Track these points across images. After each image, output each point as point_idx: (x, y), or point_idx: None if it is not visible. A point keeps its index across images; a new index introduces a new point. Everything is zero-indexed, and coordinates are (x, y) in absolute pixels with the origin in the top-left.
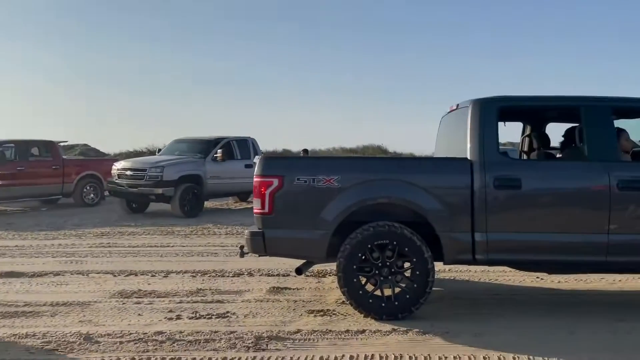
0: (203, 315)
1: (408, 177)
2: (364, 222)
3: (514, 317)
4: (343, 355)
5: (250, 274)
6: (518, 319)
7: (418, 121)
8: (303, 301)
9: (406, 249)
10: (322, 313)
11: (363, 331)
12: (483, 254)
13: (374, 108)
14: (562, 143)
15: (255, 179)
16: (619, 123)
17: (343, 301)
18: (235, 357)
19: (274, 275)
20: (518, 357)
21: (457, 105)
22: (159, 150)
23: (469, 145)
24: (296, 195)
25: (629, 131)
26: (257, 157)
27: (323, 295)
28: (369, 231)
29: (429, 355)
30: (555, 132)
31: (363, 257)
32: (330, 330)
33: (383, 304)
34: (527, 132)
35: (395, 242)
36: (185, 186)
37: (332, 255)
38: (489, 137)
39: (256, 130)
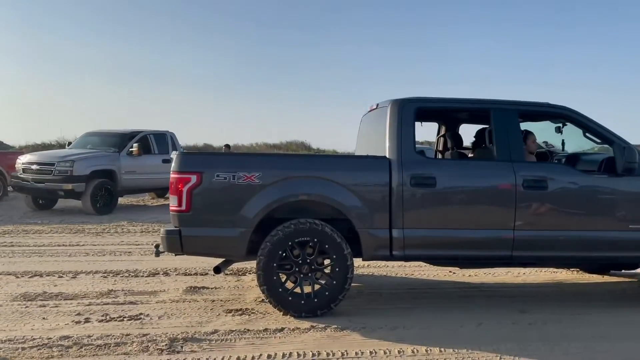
0: (114, 318)
1: (329, 174)
2: (285, 220)
3: (427, 311)
4: (261, 355)
5: (166, 274)
6: (431, 313)
7: (341, 119)
8: (221, 300)
9: (327, 246)
10: (240, 312)
11: (282, 329)
12: (400, 250)
13: (298, 104)
14: (473, 143)
15: (172, 175)
16: (524, 126)
17: (262, 300)
18: None
19: (191, 275)
20: (430, 350)
21: (377, 104)
22: (69, 143)
23: (387, 144)
24: (215, 193)
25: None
26: (174, 152)
27: (242, 294)
28: (290, 228)
29: (345, 351)
30: (469, 133)
31: (283, 255)
32: (248, 330)
33: (302, 301)
34: (442, 132)
35: (316, 240)
36: (98, 181)
37: (252, 253)
38: (407, 137)
39: (176, 125)
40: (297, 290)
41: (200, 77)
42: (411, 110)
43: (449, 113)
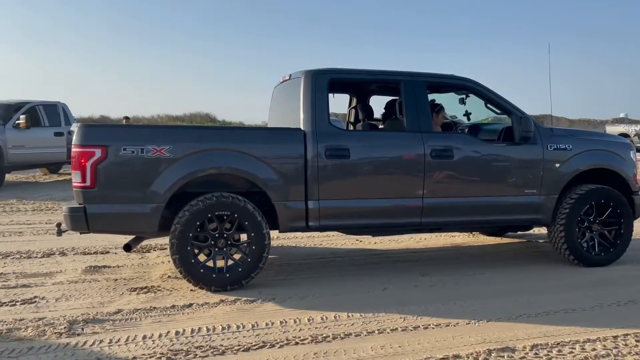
0: (5, 303)
1: (243, 147)
2: (197, 194)
3: (335, 279)
4: (168, 332)
5: (63, 254)
6: (339, 280)
7: (248, 90)
8: (124, 279)
9: (246, 223)
10: (145, 290)
11: (190, 305)
12: (315, 221)
13: (201, 75)
14: (383, 115)
15: (74, 150)
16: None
17: (169, 276)
18: (44, 346)
19: (90, 254)
20: (338, 316)
21: (290, 75)
22: None
23: (302, 116)
24: (122, 167)
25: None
26: (75, 124)
27: (147, 271)
28: (211, 201)
29: (256, 322)
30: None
31: (200, 227)
32: (154, 307)
33: (214, 275)
34: (353, 104)
35: (236, 215)
36: None
37: (164, 229)
38: (321, 108)
39: (69, 96)
40: (210, 263)
41: (95, 45)
42: (325, 82)
43: (360, 85)
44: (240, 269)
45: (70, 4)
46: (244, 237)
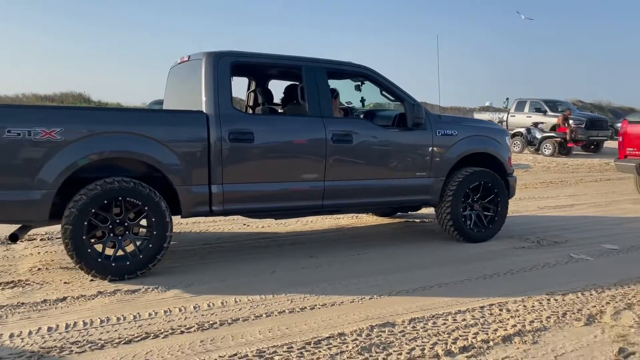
0: None
1: (143, 129)
2: (92, 179)
3: (221, 264)
4: (39, 329)
5: None
6: (225, 266)
7: (125, 70)
8: None
9: (148, 210)
10: (12, 285)
11: (64, 299)
12: (219, 205)
13: (73, 53)
14: (283, 99)
15: None
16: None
17: (39, 269)
18: None
19: None
20: (226, 302)
21: (189, 57)
22: None
23: (204, 99)
24: (7, 151)
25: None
26: None
27: (13, 264)
28: (112, 185)
29: (138, 313)
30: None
31: (97, 213)
32: (23, 303)
33: (112, 264)
34: (252, 87)
35: (138, 202)
36: None
37: (54, 217)
38: (224, 91)
39: None
40: (109, 252)
41: None
42: (227, 64)
43: (260, 69)
44: (140, 257)
45: None
46: (144, 222)
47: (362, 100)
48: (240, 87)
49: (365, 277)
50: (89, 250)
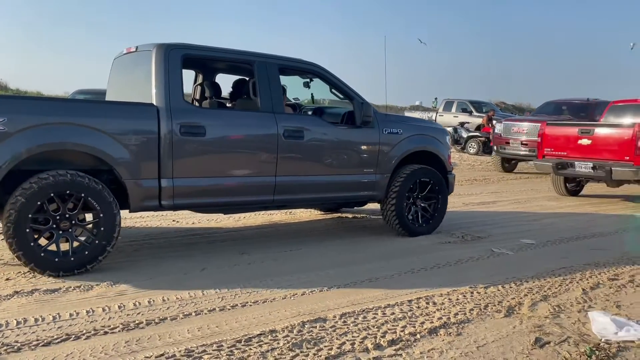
0: None
1: (90, 121)
2: (35, 171)
3: (149, 262)
4: None
5: None
6: (153, 263)
7: (42, 58)
8: None
9: (94, 203)
10: None
11: None
12: (169, 199)
13: None
14: (231, 94)
15: None
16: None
17: None
18: None
19: None
20: (153, 301)
21: (137, 47)
22: None
23: (154, 91)
24: None
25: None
26: None
27: None
28: (52, 179)
29: (58, 314)
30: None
31: (40, 208)
32: None
33: (57, 259)
34: (200, 80)
35: (82, 195)
36: None
37: None
38: (174, 84)
39: None
40: (53, 247)
41: None
42: (178, 57)
43: (209, 62)
44: (87, 252)
45: None
46: (89, 217)
47: (312, 97)
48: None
49: (298, 273)
50: (32, 245)
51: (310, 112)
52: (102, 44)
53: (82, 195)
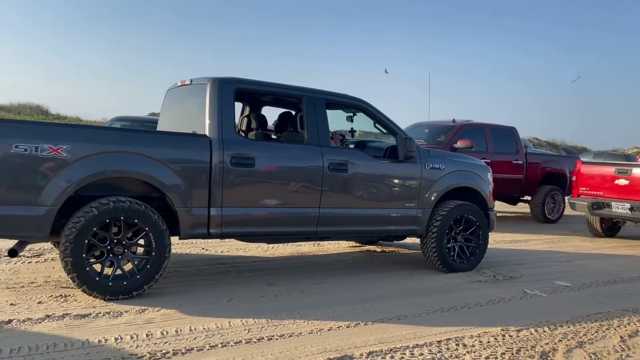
0: None
1: (146, 150)
2: (94, 197)
3: (177, 289)
4: None
5: None
6: (182, 291)
7: (83, 83)
8: None
9: (148, 230)
10: None
11: (9, 322)
12: (217, 228)
13: (31, 63)
14: (277, 126)
15: None
16: None
17: None
18: None
19: None
20: (180, 330)
21: (191, 80)
22: None
23: (207, 122)
24: (13, 165)
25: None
26: None
27: None
28: (112, 205)
29: (87, 340)
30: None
31: (96, 234)
32: None
33: (110, 283)
34: (247, 112)
35: (136, 221)
36: None
37: (54, 233)
38: (227, 116)
39: None
40: (105, 271)
41: None
42: (231, 90)
43: (258, 95)
44: (138, 277)
45: None
46: (142, 241)
47: (352, 131)
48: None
49: (325, 307)
50: (88, 268)
51: (352, 146)
52: (138, 74)
53: (136, 221)
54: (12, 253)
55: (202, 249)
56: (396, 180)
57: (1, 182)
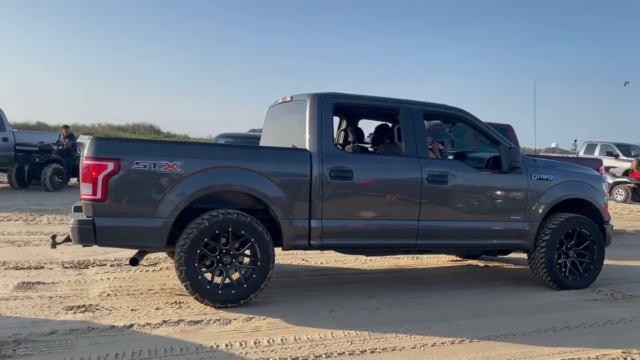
0: None
1: (251, 165)
2: (203, 210)
3: (280, 300)
4: (107, 354)
5: None
6: (284, 301)
7: (191, 102)
8: (60, 297)
9: (254, 241)
10: (83, 309)
11: (130, 326)
12: (317, 239)
13: (144, 85)
14: (373, 138)
15: (85, 162)
16: None
17: (108, 294)
18: None
19: (23, 269)
20: (285, 339)
21: (291, 97)
22: None
23: (307, 137)
24: (134, 181)
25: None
26: (85, 136)
27: (85, 289)
28: (221, 217)
29: (200, 345)
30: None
31: (206, 244)
32: (92, 328)
33: (220, 291)
34: (344, 126)
35: (242, 232)
36: None
37: (170, 243)
38: (326, 130)
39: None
40: (217, 280)
41: (30, 47)
42: (330, 105)
43: (355, 109)
44: (245, 286)
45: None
46: (248, 251)
47: (452, 141)
48: None
49: (427, 322)
50: (200, 277)
51: (451, 157)
52: (239, 93)
53: (243, 232)
54: (133, 262)
55: (302, 260)
56: (500, 192)
57: (124, 196)
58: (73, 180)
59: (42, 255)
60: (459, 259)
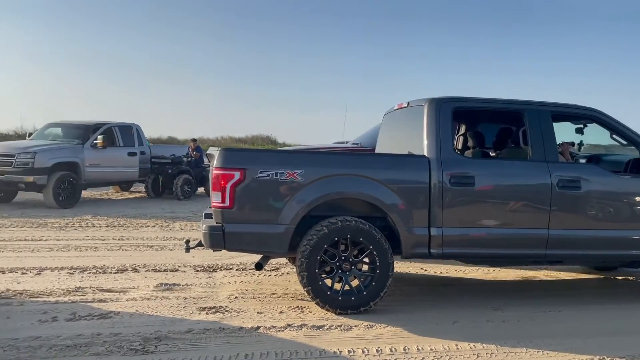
0: (83, 317)
1: (369, 172)
2: (322, 217)
3: (401, 308)
4: (237, 354)
5: (135, 270)
6: (406, 310)
7: (304, 111)
8: (194, 298)
9: (373, 249)
10: (214, 310)
11: (257, 328)
12: (438, 248)
13: (262, 97)
14: (495, 142)
15: (215, 172)
16: None
17: (236, 297)
18: None
19: (161, 271)
20: (408, 349)
21: (408, 103)
22: (30, 134)
23: (425, 143)
24: (259, 189)
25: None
26: (213, 148)
27: (215, 291)
28: (340, 224)
29: (323, 350)
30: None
31: (326, 251)
32: (223, 329)
33: (340, 298)
34: (462, 130)
35: (360, 240)
36: (60, 174)
37: (292, 249)
38: (445, 136)
39: (134, 117)
40: (337, 286)
41: (160, 69)
42: (449, 110)
43: (475, 113)
44: (365, 294)
45: (138, 30)
46: (366, 259)
47: (581, 144)
48: None
49: (560, 337)
50: (320, 283)
51: (583, 160)
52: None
53: (361, 240)
54: (258, 267)
55: (421, 269)
56: None
57: (249, 204)
58: (200, 189)
59: (177, 258)
60: (593, 270)
